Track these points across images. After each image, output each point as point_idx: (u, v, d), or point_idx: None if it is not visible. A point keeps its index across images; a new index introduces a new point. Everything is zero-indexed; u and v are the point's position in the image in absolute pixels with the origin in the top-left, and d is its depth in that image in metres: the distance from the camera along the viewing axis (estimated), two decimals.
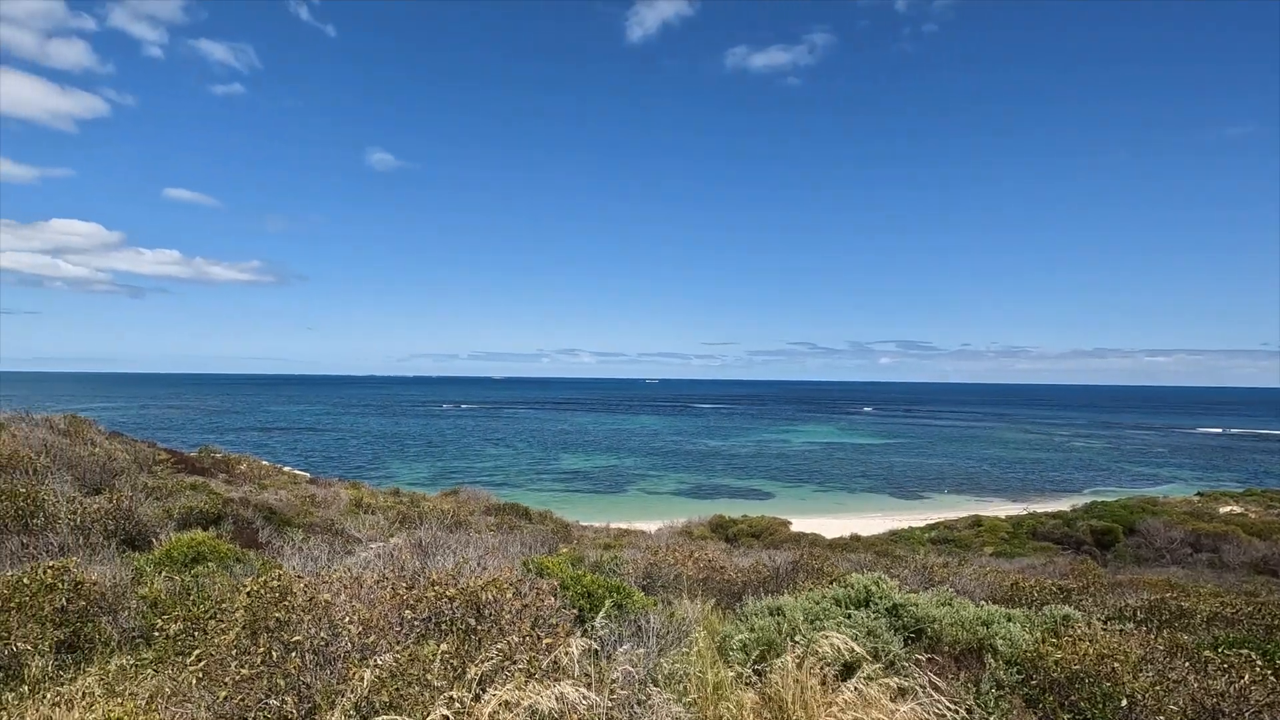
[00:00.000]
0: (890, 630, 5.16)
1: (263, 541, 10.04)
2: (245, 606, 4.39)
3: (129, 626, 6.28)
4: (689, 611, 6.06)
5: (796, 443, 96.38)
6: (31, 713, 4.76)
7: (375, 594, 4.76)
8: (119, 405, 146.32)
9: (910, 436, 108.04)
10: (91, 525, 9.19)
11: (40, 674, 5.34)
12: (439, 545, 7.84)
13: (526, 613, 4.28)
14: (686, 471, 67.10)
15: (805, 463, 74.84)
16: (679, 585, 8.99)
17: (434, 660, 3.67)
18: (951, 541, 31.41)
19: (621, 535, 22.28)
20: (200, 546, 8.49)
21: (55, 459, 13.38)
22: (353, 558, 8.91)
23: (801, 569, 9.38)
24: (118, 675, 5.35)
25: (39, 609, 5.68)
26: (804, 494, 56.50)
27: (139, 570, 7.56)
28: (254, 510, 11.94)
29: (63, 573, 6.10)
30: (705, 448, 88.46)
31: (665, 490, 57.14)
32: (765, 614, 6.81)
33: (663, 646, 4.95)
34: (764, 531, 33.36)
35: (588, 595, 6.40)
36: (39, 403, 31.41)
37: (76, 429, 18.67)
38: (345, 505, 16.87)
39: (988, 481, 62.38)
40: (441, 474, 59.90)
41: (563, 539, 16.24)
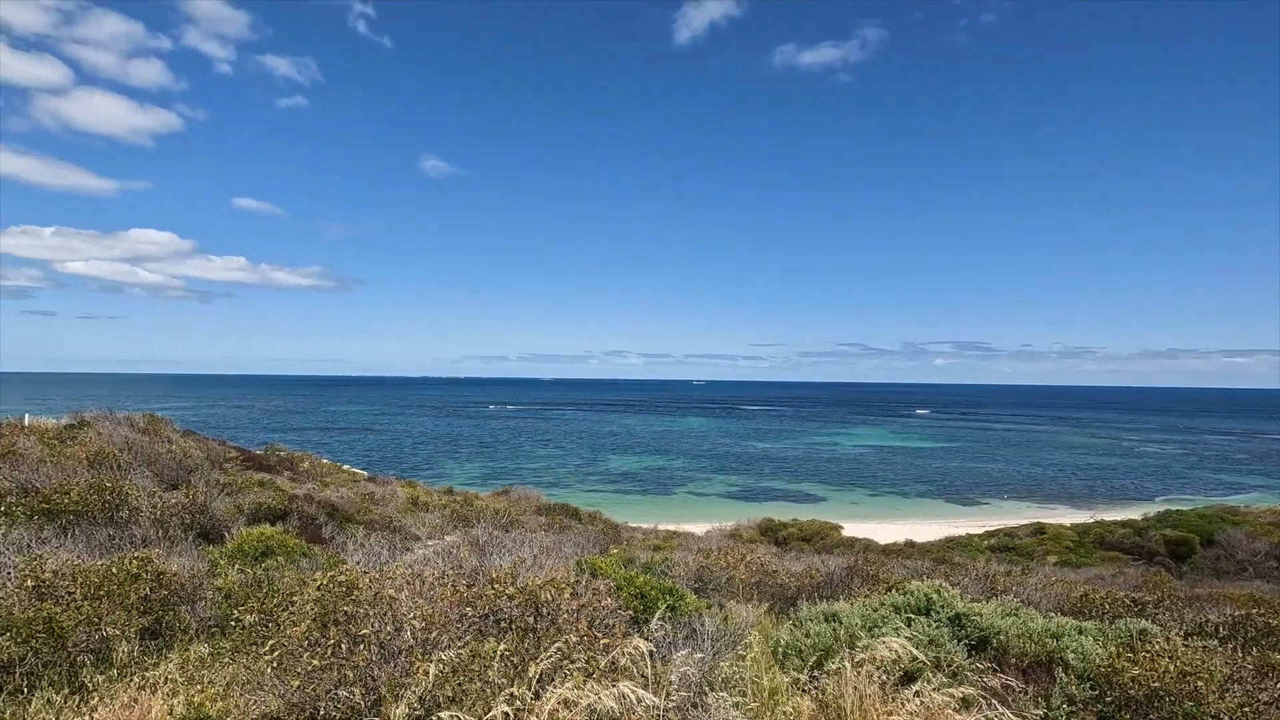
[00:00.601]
0: (953, 640, 5.02)
1: (326, 537, 10.41)
2: (315, 600, 4.56)
3: (206, 616, 6.61)
4: (743, 615, 6.02)
5: (847, 446, 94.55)
6: (120, 695, 5.06)
7: (436, 591, 4.88)
8: (190, 405, 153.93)
9: (967, 440, 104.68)
10: (170, 519, 9.69)
11: (127, 658, 5.67)
12: (495, 544, 7.99)
13: (583, 613, 4.32)
14: (734, 474, 66.60)
15: (856, 466, 73.35)
16: (731, 588, 8.94)
17: (495, 657, 3.74)
18: (1012, 550, 30.29)
19: (670, 537, 22.27)
20: (269, 541, 8.87)
21: (136, 456, 14.17)
22: (411, 554, 9.17)
23: (856, 575, 9.20)
24: (197, 662, 5.64)
25: (125, 597, 6.03)
26: (855, 498, 55.37)
27: (214, 563, 7.95)
28: (317, 507, 12.40)
29: (146, 563, 6.46)
30: (753, 450, 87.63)
31: (713, 492, 56.84)
32: (820, 620, 6.71)
33: (718, 650, 4.93)
34: (814, 536, 32.85)
35: (641, 597, 6.42)
36: (120, 402, 33.45)
37: (154, 427, 19.73)
38: (402, 503, 17.36)
39: (1051, 488, 59.94)
40: (492, 474, 61.00)
41: (612, 540, 16.34)
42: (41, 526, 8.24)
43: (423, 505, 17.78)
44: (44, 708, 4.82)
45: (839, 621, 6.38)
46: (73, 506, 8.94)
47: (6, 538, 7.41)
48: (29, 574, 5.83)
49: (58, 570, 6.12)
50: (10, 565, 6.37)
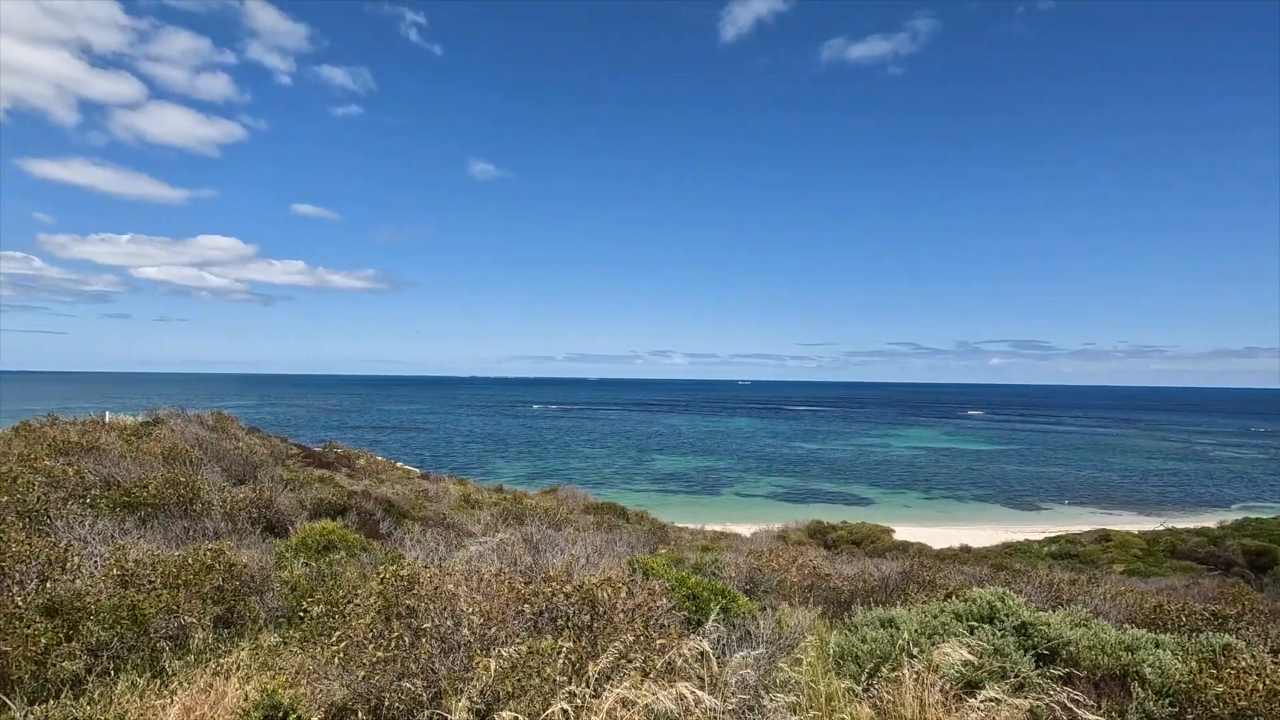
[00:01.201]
0: (1019, 649, 4.84)
1: (384, 533, 10.71)
2: (378, 593, 4.70)
3: (274, 606, 6.88)
4: (798, 619, 5.94)
5: (898, 447, 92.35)
6: (198, 680, 5.31)
7: (493, 587, 4.97)
8: (252, 403, 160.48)
9: (1025, 442, 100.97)
10: (239, 513, 10.13)
11: (202, 645, 5.95)
12: (548, 542, 8.09)
13: (639, 612, 4.33)
14: (781, 475, 65.81)
15: (908, 468, 71.58)
16: (782, 591, 8.83)
17: (554, 655, 3.79)
18: (1075, 557, 29.09)
19: (718, 538, 22.16)
20: (331, 535, 9.18)
21: (206, 452, 14.85)
22: (465, 551, 9.36)
23: (912, 580, 8.98)
24: (267, 651, 5.88)
25: (201, 587, 6.33)
26: (907, 501, 54.04)
27: (280, 555, 8.27)
28: (374, 503, 12.77)
29: (219, 555, 6.77)
30: (801, 451, 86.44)
31: (760, 493, 56.29)
32: (877, 625, 6.57)
33: (773, 653, 4.88)
34: (865, 539, 32.20)
35: (693, 598, 6.40)
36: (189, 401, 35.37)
37: (222, 425, 20.65)
38: (455, 500, 17.75)
39: (1116, 493, 57.33)
40: (540, 472, 61.76)
41: (660, 540, 16.35)
42: (123, 518, 8.72)
43: (474, 502, 18.14)
44: (129, 689, 5.09)
45: (896, 628, 6.23)
46: (151, 500, 9.44)
47: (93, 528, 7.87)
48: (114, 563, 6.17)
49: (139, 560, 6.47)
50: (97, 554, 6.75)
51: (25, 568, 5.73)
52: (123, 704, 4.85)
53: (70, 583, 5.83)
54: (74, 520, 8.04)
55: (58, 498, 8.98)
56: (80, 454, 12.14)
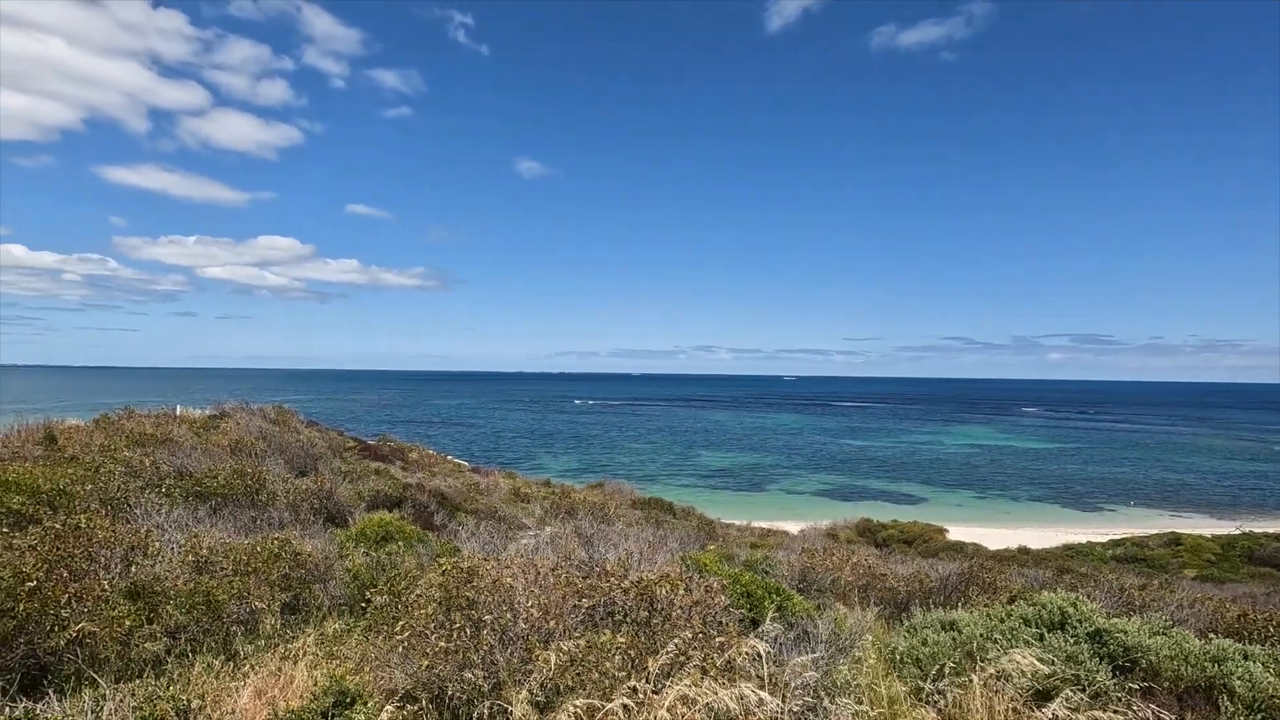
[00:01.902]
0: (1094, 658, 4.63)
1: (438, 524, 10.94)
2: (439, 584, 4.78)
3: (337, 595, 7.10)
4: (856, 620, 5.82)
5: (950, 445, 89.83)
6: (268, 663, 5.52)
7: (550, 580, 5.00)
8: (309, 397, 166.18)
9: (1086, 441, 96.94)
10: (301, 503, 10.50)
11: (271, 630, 6.18)
12: (601, 537, 8.13)
13: (697, 610, 4.30)
14: (829, 472, 64.77)
15: (961, 467, 69.55)
16: (835, 590, 8.68)
17: (613, 649, 3.79)
18: (1142, 561, 27.81)
19: (766, 535, 21.94)
20: (388, 526, 9.42)
21: (270, 444, 15.43)
22: (515, 544, 9.48)
23: (972, 582, 8.71)
24: (332, 638, 6.07)
25: (269, 574, 6.57)
26: (960, 500, 52.52)
27: (341, 545, 8.53)
28: (428, 495, 13.06)
29: (285, 544, 7.02)
30: (849, 448, 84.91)
31: (807, 490, 55.52)
32: (937, 628, 6.39)
33: (832, 654, 4.79)
34: (917, 538, 31.46)
35: (747, 595, 6.34)
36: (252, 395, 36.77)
37: (283, 418, 21.43)
38: (505, 493, 18.03)
39: (1187, 494, 54.55)
40: (586, 467, 62.25)
41: (709, 536, 16.27)
42: (196, 507, 9.12)
43: (524, 496, 18.39)
44: (205, 671, 5.33)
45: (958, 631, 6.05)
46: (220, 490, 9.85)
47: (169, 516, 8.25)
48: (190, 550, 6.46)
49: (212, 547, 6.76)
50: (174, 541, 7.08)
51: (110, 553, 6.04)
52: (200, 685, 5.07)
53: (150, 568, 6.12)
54: (151, 508, 8.45)
55: (136, 486, 9.46)
56: (155, 445, 12.76)
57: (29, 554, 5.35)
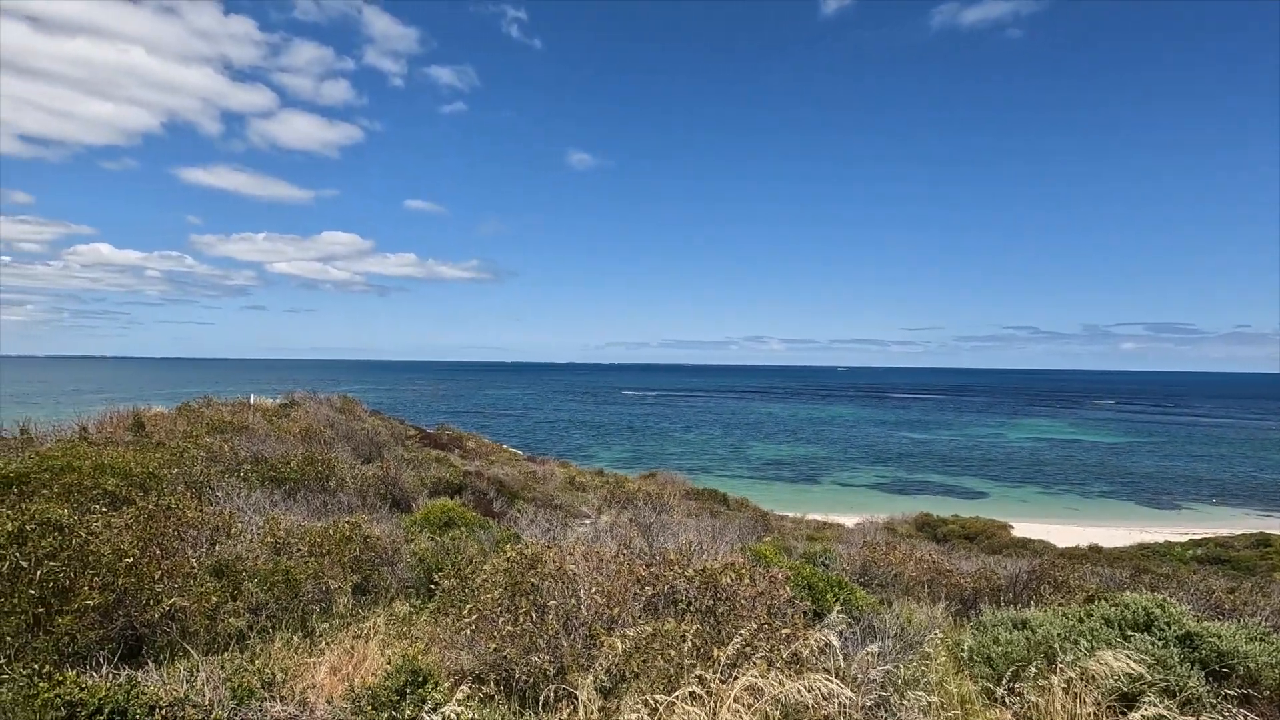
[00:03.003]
0: (1184, 662, 4.39)
1: (498, 511, 11.17)
2: (504, 570, 4.88)
3: (404, 578, 7.33)
4: (923, 616, 5.67)
5: (1015, 438, 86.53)
6: (342, 641, 5.75)
7: (612, 568, 5.04)
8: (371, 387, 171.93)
9: (1163, 436, 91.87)
10: (368, 489, 10.88)
11: (344, 610, 6.43)
12: (660, 526, 8.15)
13: (761, 600, 4.26)
14: (885, 465, 63.31)
15: (1026, 461, 66.93)
16: (898, 585, 8.48)
17: (680, 638, 3.79)
18: (1226, 563, 26.21)
19: (821, 528, 21.63)
20: (451, 513, 9.67)
21: (337, 432, 16.04)
22: (574, 531, 9.61)
23: (1044, 580, 8.38)
24: (401, 620, 6.27)
25: (341, 556, 6.83)
26: (1025, 495, 50.58)
27: (407, 530, 8.80)
28: (487, 483, 13.35)
29: (356, 528, 7.28)
30: (906, 440, 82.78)
31: (862, 483, 54.43)
32: (1009, 626, 6.17)
33: (900, 650, 4.68)
34: (979, 534, 30.47)
35: (809, 588, 6.26)
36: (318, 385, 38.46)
37: (348, 407, 22.23)
38: (560, 482, 18.29)
39: (1277, 492, 51.14)
40: (637, 457, 62.55)
41: (764, 528, 16.14)
42: (271, 491, 9.56)
43: (579, 485, 18.62)
44: (284, 646, 5.58)
45: (1032, 630, 5.83)
46: (293, 475, 10.29)
47: (247, 499, 8.68)
48: (269, 532, 6.77)
49: (289, 529, 7.06)
50: (253, 524, 7.43)
51: (197, 533, 6.39)
52: (280, 659, 5.32)
53: (233, 547, 6.44)
54: (231, 492, 8.89)
55: (217, 471, 9.97)
56: (232, 432, 13.42)
57: (125, 532, 5.70)
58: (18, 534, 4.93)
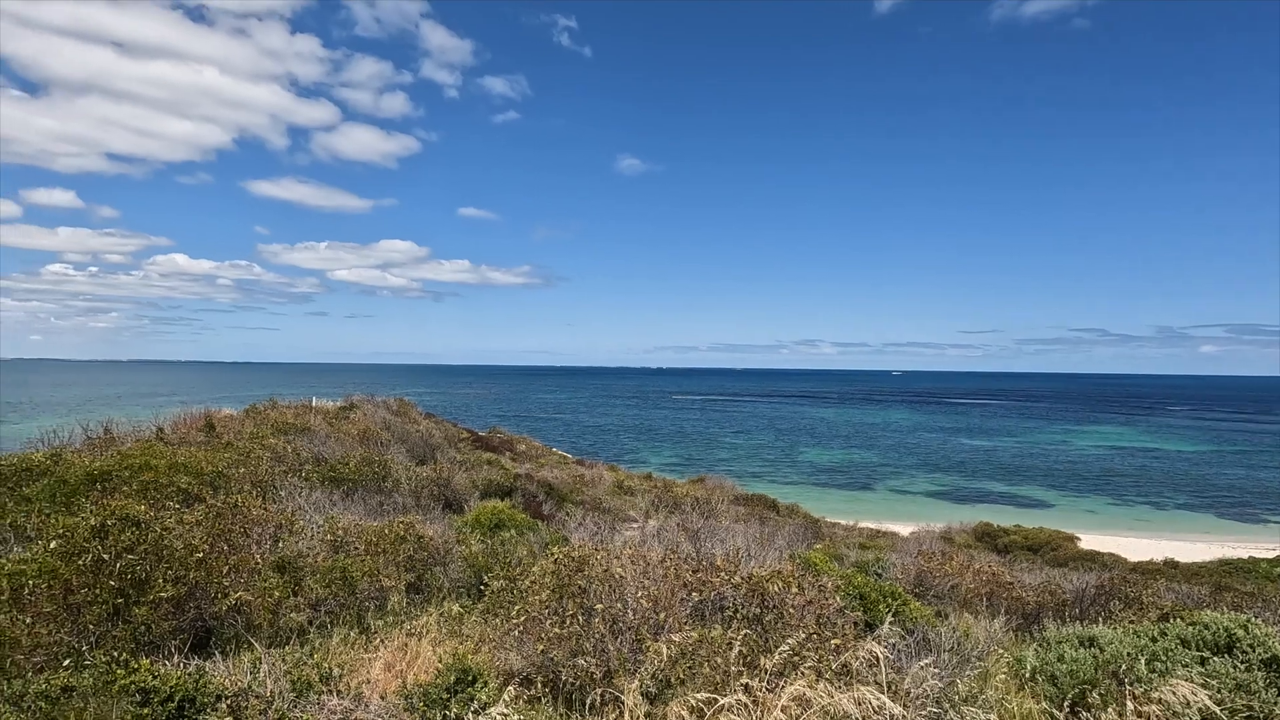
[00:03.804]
0: (1270, 688, 4.10)
1: (547, 514, 11.30)
2: (552, 572, 4.92)
3: (455, 578, 7.48)
4: (982, 630, 5.46)
5: (1082, 445, 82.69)
6: (396, 638, 5.91)
7: (659, 572, 5.03)
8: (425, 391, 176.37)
9: (1247, 445, 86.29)
10: (422, 490, 11.16)
11: (398, 608, 6.61)
12: (708, 531, 8.10)
13: (810, 609, 4.18)
14: (942, 472, 61.36)
15: (1094, 469, 63.85)
16: (955, 597, 8.20)
17: (727, 645, 3.75)
18: None
19: (875, 536, 21.11)
20: (501, 514, 9.83)
21: (392, 433, 16.51)
22: (622, 535, 9.63)
23: (1114, 595, 7.98)
24: (452, 619, 6.40)
25: (395, 555, 7.03)
26: (1092, 506, 48.24)
27: (458, 530, 8.98)
28: (537, 485, 13.52)
29: (410, 527, 7.47)
30: (964, 447, 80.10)
31: (917, 490, 52.88)
32: (1075, 643, 5.90)
33: (956, 665, 4.52)
34: (1043, 546, 29.20)
35: (860, 598, 6.11)
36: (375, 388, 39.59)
37: (404, 410, 22.87)
38: (609, 486, 18.38)
39: None
40: (685, 461, 62.31)
41: (815, 535, 15.85)
42: (331, 490, 9.90)
43: (627, 489, 18.67)
44: (341, 641, 5.77)
45: (1099, 648, 5.55)
46: (351, 475, 10.64)
47: (308, 498, 9.01)
48: (328, 530, 7.01)
49: (346, 528, 7.31)
50: (314, 522, 7.72)
51: (261, 530, 6.67)
52: (338, 654, 5.50)
53: (295, 545, 6.70)
54: (294, 491, 9.25)
55: (280, 470, 10.40)
56: (295, 433, 13.97)
57: (196, 529, 6.00)
58: (100, 528, 5.24)
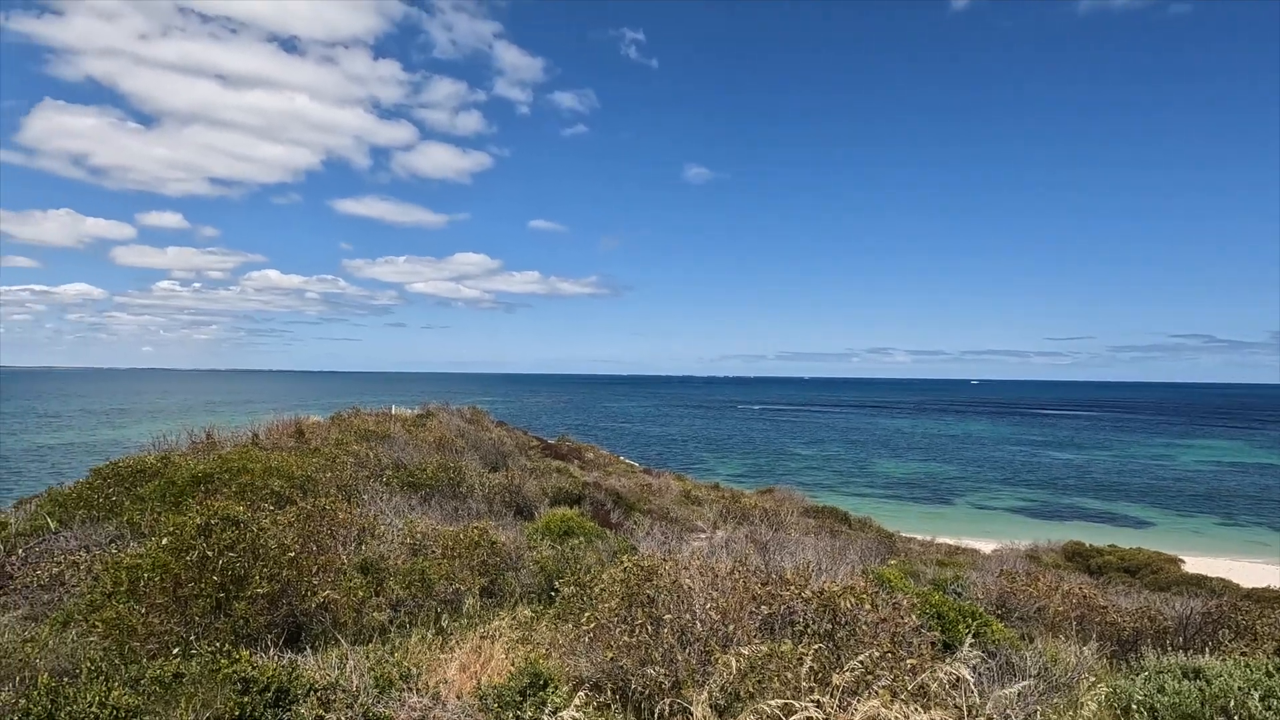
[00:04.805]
0: None
1: (615, 522, 11.40)
2: (621, 580, 4.98)
3: (527, 583, 7.66)
4: (1073, 656, 5.17)
5: (1186, 461, 76.69)
6: (470, 640, 6.10)
7: (727, 584, 5.01)
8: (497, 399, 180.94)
9: None
10: (494, 496, 11.47)
11: (472, 611, 6.82)
12: (777, 544, 7.99)
13: (884, 627, 4.07)
14: (1027, 486, 58.17)
15: (1201, 487, 59.07)
16: (1042, 619, 7.78)
17: (797, 660, 3.70)
18: None
19: (954, 552, 20.24)
20: (570, 522, 9.99)
21: (466, 441, 17.05)
22: (690, 545, 9.61)
23: (1223, 624, 7.38)
24: (523, 624, 6.56)
25: (470, 559, 7.26)
26: (1199, 526, 44.62)
27: (529, 537, 9.19)
28: (605, 494, 13.67)
29: (484, 533, 7.71)
30: (1052, 461, 75.72)
31: (999, 505, 50.31)
32: (1178, 675, 5.49)
33: (1043, 691, 4.29)
34: (1142, 568, 27.22)
35: (938, 616, 5.89)
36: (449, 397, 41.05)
37: (477, 418, 23.57)
38: (676, 495, 18.38)
39: None
40: (753, 471, 61.49)
41: (889, 550, 15.34)
42: (409, 495, 10.33)
43: (694, 499, 18.62)
44: (419, 641, 6.00)
45: (1207, 681, 5.15)
46: (429, 481, 11.06)
47: (389, 502, 9.43)
48: (408, 534, 7.32)
49: (424, 532, 7.60)
50: (394, 525, 8.07)
51: (346, 532, 7.03)
52: (416, 654, 5.73)
53: (377, 547, 7.03)
54: (375, 495, 9.70)
55: (363, 475, 10.92)
56: (376, 440, 14.64)
57: (288, 529, 6.38)
58: (204, 527, 5.66)
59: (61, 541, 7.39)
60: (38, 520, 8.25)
